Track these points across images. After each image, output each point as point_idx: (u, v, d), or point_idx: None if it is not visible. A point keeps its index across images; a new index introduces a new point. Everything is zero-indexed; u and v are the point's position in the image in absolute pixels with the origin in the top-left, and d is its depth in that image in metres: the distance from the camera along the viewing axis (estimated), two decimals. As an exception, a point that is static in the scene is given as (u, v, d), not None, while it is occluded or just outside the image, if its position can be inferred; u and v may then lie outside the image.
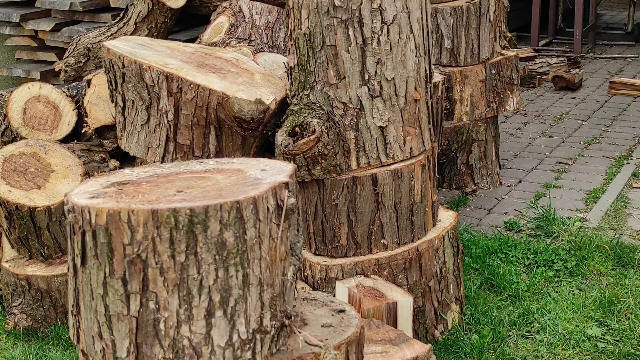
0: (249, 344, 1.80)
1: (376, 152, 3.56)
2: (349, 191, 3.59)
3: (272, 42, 4.99)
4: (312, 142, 3.45)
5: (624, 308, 4.03)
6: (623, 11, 12.00)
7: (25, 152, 4.12)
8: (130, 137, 3.95)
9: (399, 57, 3.50)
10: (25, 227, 4.04)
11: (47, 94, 4.52)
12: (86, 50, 5.46)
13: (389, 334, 3.31)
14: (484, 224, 5.15)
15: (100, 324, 1.76)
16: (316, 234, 3.70)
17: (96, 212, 1.70)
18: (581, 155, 6.32)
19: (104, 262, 1.72)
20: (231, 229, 1.73)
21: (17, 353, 3.92)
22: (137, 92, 3.80)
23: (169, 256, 1.70)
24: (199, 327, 1.74)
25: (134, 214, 1.68)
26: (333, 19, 3.43)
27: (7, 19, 6.59)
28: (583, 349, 3.74)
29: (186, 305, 1.72)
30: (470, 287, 4.23)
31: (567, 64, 8.56)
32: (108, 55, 3.88)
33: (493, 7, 5.35)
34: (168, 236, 1.69)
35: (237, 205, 1.73)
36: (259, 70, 4.07)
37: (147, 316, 1.72)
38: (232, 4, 5.17)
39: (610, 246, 4.60)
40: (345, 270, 3.63)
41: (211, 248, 1.71)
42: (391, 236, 3.65)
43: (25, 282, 4.10)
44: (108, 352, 1.76)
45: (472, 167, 5.63)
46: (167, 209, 1.68)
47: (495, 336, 3.83)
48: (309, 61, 3.52)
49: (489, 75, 5.43)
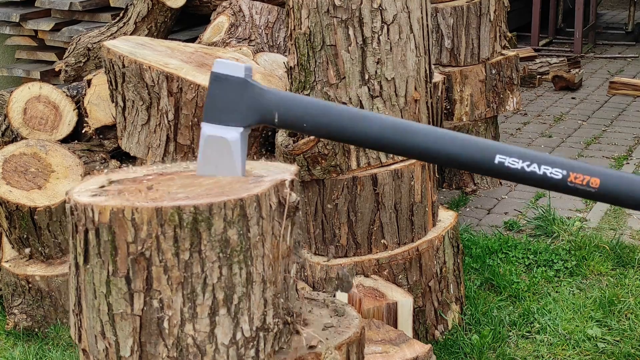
0: (253, 342, 1.80)
1: (376, 152, 3.56)
2: (349, 191, 3.59)
3: (272, 42, 4.99)
4: (312, 142, 3.45)
5: (624, 308, 4.04)
6: (623, 11, 12.01)
7: (26, 152, 4.12)
8: (131, 137, 3.95)
9: (399, 57, 3.50)
10: (25, 227, 4.04)
11: (48, 94, 4.52)
12: (86, 50, 5.46)
13: (389, 334, 3.31)
14: (484, 224, 5.15)
15: (103, 323, 1.76)
16: (316, 234, 3.70)
17: (99, 210, 1.70)
18: (581, 155, 6.32)
19: (107, 261, 1.71)
20: (235, 227, 1.73)
21: (17, 353, 3.91)
22: (137, 92, 3.80)
23: (173, 254, 1.70)
24: (203, 325, 1.74)
25: (138, 212, 1.68)
26: (333, 19, 3.43)
27: (7, 19, 6.59)
28: (583, 349, 3.75)
29: (190, 303, 1.72)
30: (470, 287, 4.23)
31: (567, 64, 8.56)
32: (108, 55, 3.88)
33: (493, 7, 5.35)
34: (172, 234, 1.69)
35: (240, 203, 1.73)
36: (259, 70, 4.07)
37: (150, 315, 1.72)
38: (232, 3, 5.17)
39: (610, 246, 4.60)
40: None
41: (215, 246, 1.72)
42: (391, 236, 3.65)
43: (25, 282, 4.10)
44: (111, 351, 1.76)
45: (472, 167, 5.63)
46: (171, 207, 1.68)
47: (495, 336, 3.83)
48: (309, 61, 3.52)
49: (489, 75, 5.44)
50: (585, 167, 1.84)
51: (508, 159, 1.85)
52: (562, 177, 1.84)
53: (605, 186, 1.82)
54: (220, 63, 1.96)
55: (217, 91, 1.94)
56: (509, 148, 1.87)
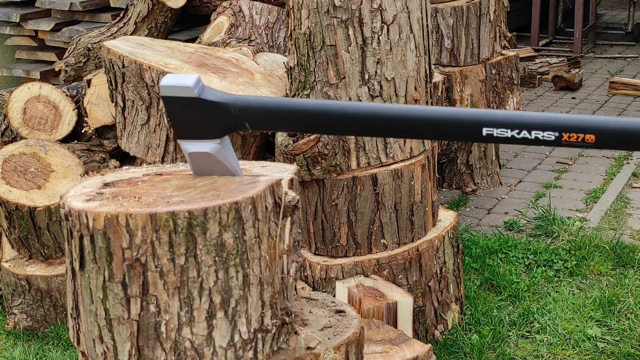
0: (251, 344, 1.80)
1: (376, 152, 3.56)
2: (349, 191, 3.59)
3: (272, 42, 4.99)
4: (312, 142, 3.45)
5: (624, 308, 4.03)
6: (623, 11, 12.00)
7: (25, 152, 4.12)
8: (130, 137, 3.95)
9: (399, 57, 3.50)
10: (25, 227, 4.04)
11: (47, 94, 4.52)
12: (86, 50, 5.46)
13: (389, 334, 3.31)
14: (484, 224, 5.15)
15: (101, 328, 1.76)
16: (316, 234, 3.70)
17: (93, 216, 1.69)
18: (581, 155, 6.32)
19: (102, 266, 1.71)
20: (230, 230, 1.72)
21: (17, 353, 3.92)
22: (137, 92, 3.80)
23: (168, 259, 1.69)
24: (200, 328, 1.73)
25: (132, 218, 1.67)
26: (333, 19, 3.43)
27: (7, 19, 6.58)
28: (583, 349, 3.74)
29: (187, 307, 1.72)
30: (470, 287, 4.23)
31: (567, 64, 8.56)
32: (108, 55, 3.88)
33: (493, 7, 5.34)
34: (167, 239, 1.68)
35: (235, 206, 1.72)
36: (259, 70, 4.07)
37: (148, 319, 1.72)
38: (232, 4, 5.17)
39: (610, 246, 4.60)
40: (345, 270, 3.63)
41: (211, 250, 1.71)
42: (391, 236, 3.65)
43: (25, 282, 4.10)
44: (109, 354, 1.76)
45: (472, 167, 5.63)
46: (166, 212, 1.67)
47: (495, 336, 3.83)
48: (309, 61, 3.51)
49: (489, 75, 5.43)
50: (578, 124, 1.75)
51: (496, 130, 1.78)
52: (555, 139, 1.78)
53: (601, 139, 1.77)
54: (166, 86, 1.77)
55: (174, 112, 1.79)
56: (495, 117, 1.76)
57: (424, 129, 1.82)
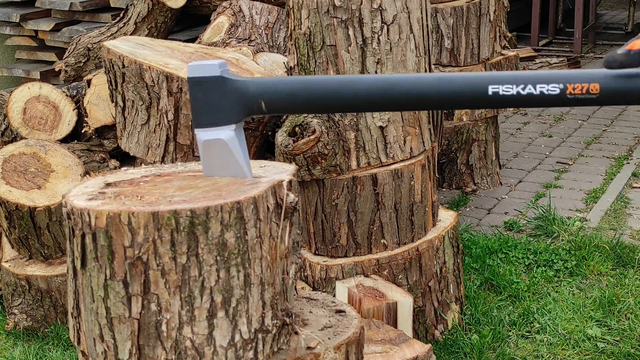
0: (251, 344, 1.80)
1: (376, 152, 3.56)
2: (349, 191, 3.59)
3: (272, 42, 4.99)
4: (312, 142, 3.45)
5: (624, 308, 4.04)
6: (623, 11, 12.00)
7: (25, 152, 4.12)
8: (130, 137, 3.95)
9: (399, 57, 3.50)
10: (25, 227, 4.04)
11: (47, 94, 4.52)
12: (86, 50, 5.46)
13: (389, 334, 3.31)
14: (484, 224, 5.15)
15: (102, 326, 1.76)
16: (316, 234, 3.70)
17: (96, 214, 1.69)
18: (581, 155, 6.32)
19: (104, 265, 1.71)
20: (232, 230, 1.72)
21: (17, 353, 3.92)
22: (137, 92, 3.80)
23: (170, 258, 1.69)
24: (201, 328, 1.73)
25: (135, 216, 1.67)
26: (333, 19, 3.43)
27: (7, 19, 6.59)
28: (583, 349, 3.75)
29: (188, 306, 1.72)
30: (470, 287, 4.23)
31: (567, 64, 8.56)
32: (108, 55, 3.88)
33: (493, 7, 5.35)
34: (169, 238, 1.69)
35: (237, 206, 1.73)
36: (259, 70, 4.07)
37: (148, 318, 1.72)
38: (232, 4, 5.17)
39: (610, 246, 4.60)
40: (345, 270, 3.63)
41: (212, 249, 1.71)
42: (391, 236, 3.65)
43: (25, 282, 4.10)
44: (110, 353, 1.76)
45: (472, 167, 5.64)
46: (168, 211, 1.68)
47: (495, 336, 3.83)
48: (309, 61, 3.52)
49: (489, 75, 5.43)
50: (582, 75, 1.81)
51: (501, 87, 1.82)
52: (561, 91, 1.81)
53: (606, 89, 1.80)
54: (194, 67, 1.93)
55: (198, 95, 1.92)
56: (500, 75, 1.83)
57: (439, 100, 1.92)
